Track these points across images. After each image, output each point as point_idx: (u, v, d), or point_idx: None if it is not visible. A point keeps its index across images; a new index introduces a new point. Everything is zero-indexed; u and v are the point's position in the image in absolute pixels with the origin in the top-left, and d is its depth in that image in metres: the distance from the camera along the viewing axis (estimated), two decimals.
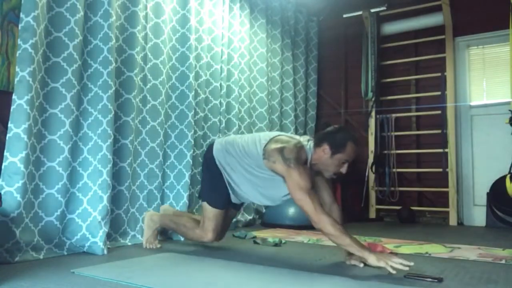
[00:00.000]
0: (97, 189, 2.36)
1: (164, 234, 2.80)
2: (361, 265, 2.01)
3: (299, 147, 2.08)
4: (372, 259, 1.83)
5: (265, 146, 2.14)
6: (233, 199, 2.38)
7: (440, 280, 1.78)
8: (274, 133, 2.26)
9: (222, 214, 2.35)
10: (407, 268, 1.80)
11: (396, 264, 1.79)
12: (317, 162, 2.10)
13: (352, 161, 2.10)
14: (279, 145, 2.09)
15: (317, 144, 2.10)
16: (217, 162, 2.32)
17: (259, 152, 2.16)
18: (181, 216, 2.55)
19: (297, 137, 2.21)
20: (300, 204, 1.97)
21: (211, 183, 2.36)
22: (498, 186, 3.78)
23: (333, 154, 2.05)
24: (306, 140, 2.16)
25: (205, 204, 2.34)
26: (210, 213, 2.32)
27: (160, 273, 1.82)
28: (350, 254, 2.07)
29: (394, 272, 1.79)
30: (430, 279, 1.78)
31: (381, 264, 1.80)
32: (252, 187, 2.28)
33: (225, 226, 2.46)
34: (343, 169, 2.09)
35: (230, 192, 2.34)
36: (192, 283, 1.66)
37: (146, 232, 2.55)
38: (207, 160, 2.38)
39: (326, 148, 2.06)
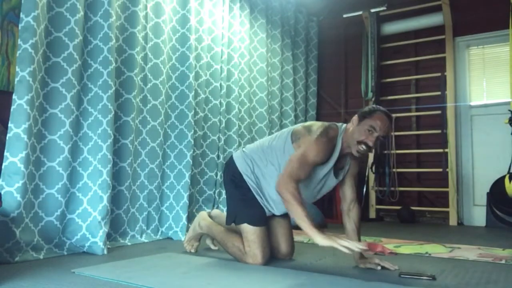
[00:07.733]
0: (97, 189, 2.36)
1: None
2: (378, 267, 1.95)
3: (329, 125, 1.99)
4: (318, 239, 1.69)
5: (294, 129, 2.06)
6: (273, 210, 2.17)
7: (433, 278, 1.79)
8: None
9: (265, 231, 2.10)
10: (358, 249, 1.66)
11: (345, 243, 1.63)
12: (346, 138, 1.97)
13: (383, 138, 1.92)
14: (307, 123, 2.06)
15: (348, 120, 2.02)
16: (244, 174, 2.13)
17: (287, 137, 2.03)
18: (235, 235, 2.18)
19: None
20: (286, 164, 1.89)
21: (244, 200, 2.13)
22: (498, 186, 3.77)
23: (360, 121, 1.93)
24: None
25: (245, 226, 2.08)
26: (253, 234, 2.06)
27: (160, 273, 1.82)
28: (362, 258, 2.01)
29: (346, 250, 1.63)
30: (425, 278, 1.79)
31: (328, 243, 1.65)
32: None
33: (291, 238, 2.25)
34: (370, 140, 1.89)
35: (266, 203, 2.14)
36: (192, 283, 1.66)
37: (190, 232, 2.41)
38: (233, 176, 2.16)
39: (354, 118, 1.96)
